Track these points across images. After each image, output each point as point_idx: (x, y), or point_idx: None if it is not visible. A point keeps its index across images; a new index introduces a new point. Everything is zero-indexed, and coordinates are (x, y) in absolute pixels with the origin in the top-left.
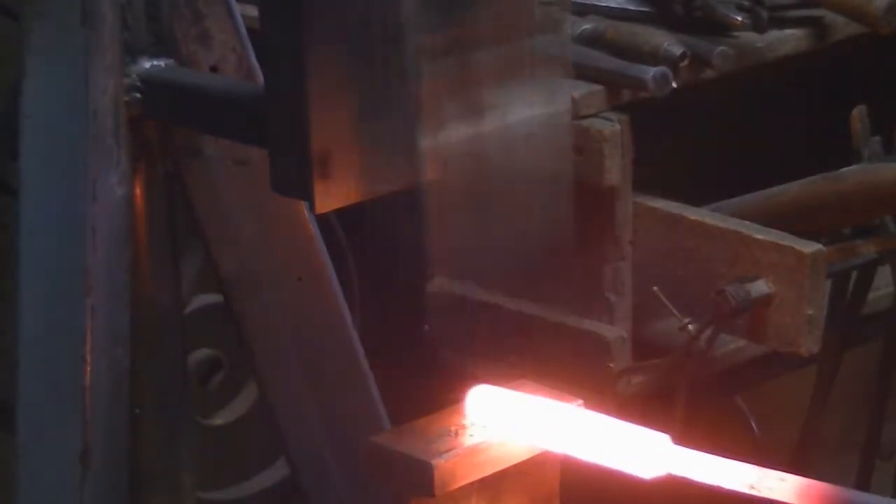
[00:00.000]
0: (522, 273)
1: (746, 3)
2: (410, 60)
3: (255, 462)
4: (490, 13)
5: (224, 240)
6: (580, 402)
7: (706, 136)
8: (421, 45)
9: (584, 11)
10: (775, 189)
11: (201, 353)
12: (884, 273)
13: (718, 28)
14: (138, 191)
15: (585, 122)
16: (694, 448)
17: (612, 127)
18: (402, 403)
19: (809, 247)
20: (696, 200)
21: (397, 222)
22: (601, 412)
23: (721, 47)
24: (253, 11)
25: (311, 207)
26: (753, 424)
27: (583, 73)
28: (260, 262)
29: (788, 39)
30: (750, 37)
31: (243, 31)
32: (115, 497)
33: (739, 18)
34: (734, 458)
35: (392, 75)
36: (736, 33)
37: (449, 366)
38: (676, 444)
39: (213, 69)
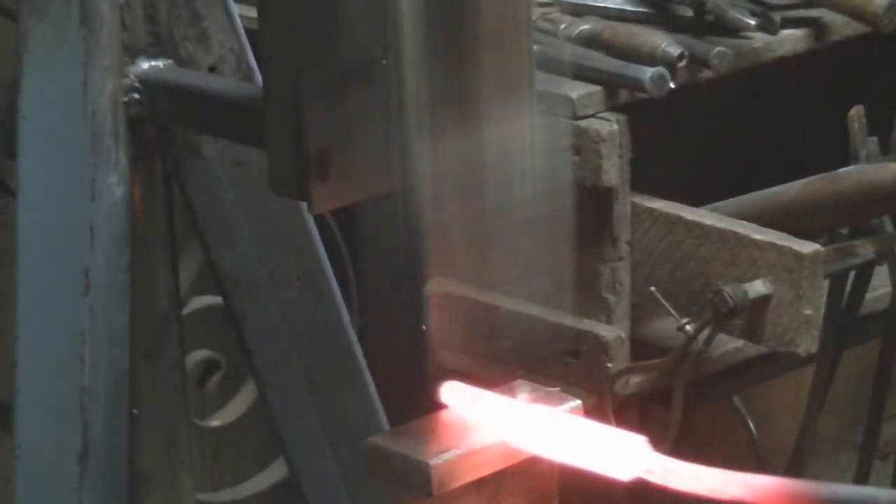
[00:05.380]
0: (521, 273)
1: (757, 7)
2: (408, 61)
3: (253, 463)
4: (488, 14)
5: (222, 240)
6: (578, 402)
7: (704, 137)
8: (419, 44)
9: (581, 12)
10: (773, 189)
11: (199, 355)
12: (881, 273)
13: (729, 31)
14: (137, 191)
15: (583, 123)
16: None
17: (609, 127)
18: (401, 404)
19: (807, 247)
20: (694, 200)
21: (395, 223)
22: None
23: (719, 48)
24: (251, 12)
25: (309, 208)
26: (751, 424)
27: (581, 73)
28: (258, 263)
29: (787, 40)
30: (748, 37)
31: (242, 31)
32: (114, 497)
33: (752, 22)
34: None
35: (390, 75)
36: (741, 34)
37: (448, 366)
38: (655, 447)
39: (212, 70)
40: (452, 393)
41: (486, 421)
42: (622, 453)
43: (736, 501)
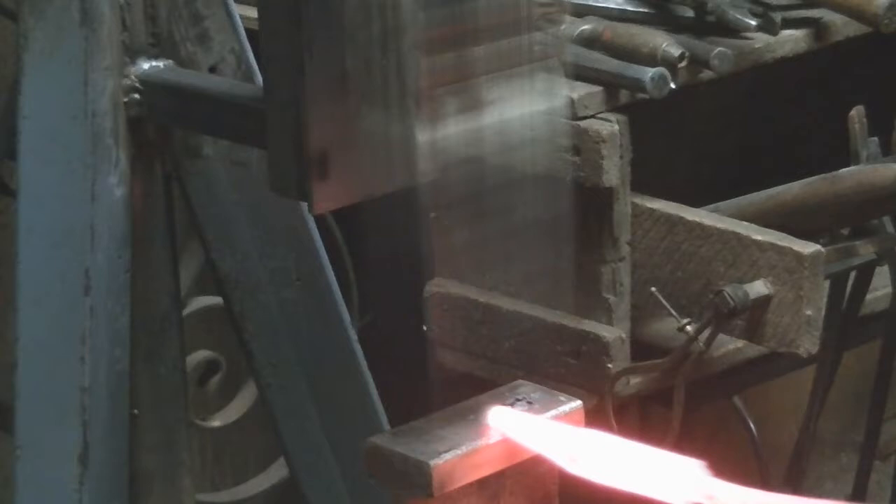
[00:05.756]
0: (521, 273)
1: (758, 8)
2: (408, 60)
3: (253, 463)
4: (486, 10)
5: (222, 240)
6: (579, 402)
7: (705, 137)
8: (418, 43)
9: (582, 13)
10: (773, 189)
11: (199, 355)
12: (882, 274)
13: (730, 32)
14: (137, 191)
15: (584, 123)
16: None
17: (610, 128)
18: (401, 404)
19: (808, 247)
20: (694, 200)
21: (395, 223)
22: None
23: (719, 48)
24: (252, 12)
25: (309, 208)
26: (751, 425)
27: (581, 74)
28: (259, 264)
29: (787, 40)
30: (749, 38)
31: (242, 31)
32: (114, 497)
33: (753, 23)
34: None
35: (390, 75)
36: (742, 35)
37: (448, 366)
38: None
39: (212, 70)
40: (501, 419)
41: (541, 447)
42: (681, 478)
43: None
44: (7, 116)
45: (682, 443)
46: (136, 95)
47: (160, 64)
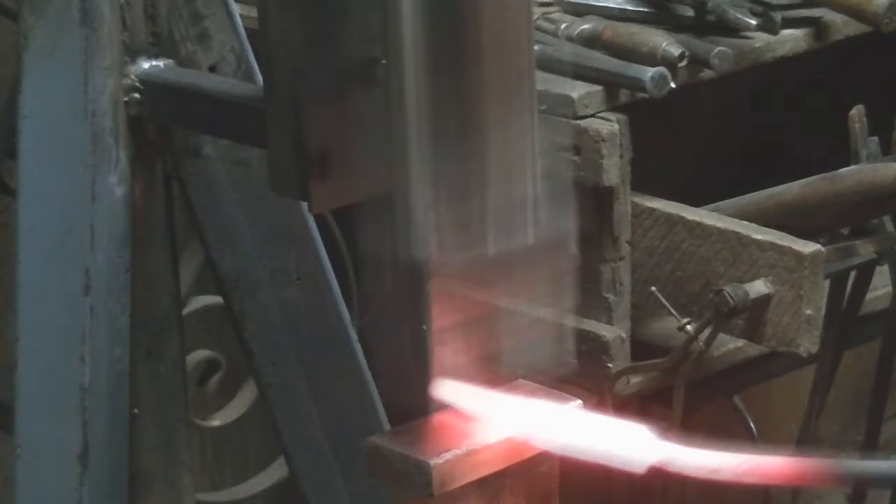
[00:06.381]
0: (521, 272)
1: (758, 7)
2: (409, 60)
3: (253, 463)
4: (488, 14)
5: (222, 240)
6: (578, 401)
7: (705, 137)
8: (419, 44)
9: (582, 12)
10: (774, 189)
11: (199, 355)
12: (882, 273)
13: (730, 31)
14: (137, 191)
15: (584, 123)
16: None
17: (610, 127)
18: (401, 404)
19: (808, 247)
20: (694, 200)
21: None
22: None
23: (719, 48)
24: (252, 12)
25: (309, 207)
26: (752, 424)
27: (581, 73)
28: (258, 263)
29: (787, 40)
30: (749, 37)
31: (242, 31)
32: (114, 497)
33: (753, 22)
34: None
35: (390, 75)
36: (742, 34)
37: (447, 366)
38: (661, 437)
39: (212, 70)
40: (453, 392)
41: (495, 420)
42: (635, 446)
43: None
44: (7, 116)
45: (682, 442)
46: (136, 95)
47: (160, 63)
